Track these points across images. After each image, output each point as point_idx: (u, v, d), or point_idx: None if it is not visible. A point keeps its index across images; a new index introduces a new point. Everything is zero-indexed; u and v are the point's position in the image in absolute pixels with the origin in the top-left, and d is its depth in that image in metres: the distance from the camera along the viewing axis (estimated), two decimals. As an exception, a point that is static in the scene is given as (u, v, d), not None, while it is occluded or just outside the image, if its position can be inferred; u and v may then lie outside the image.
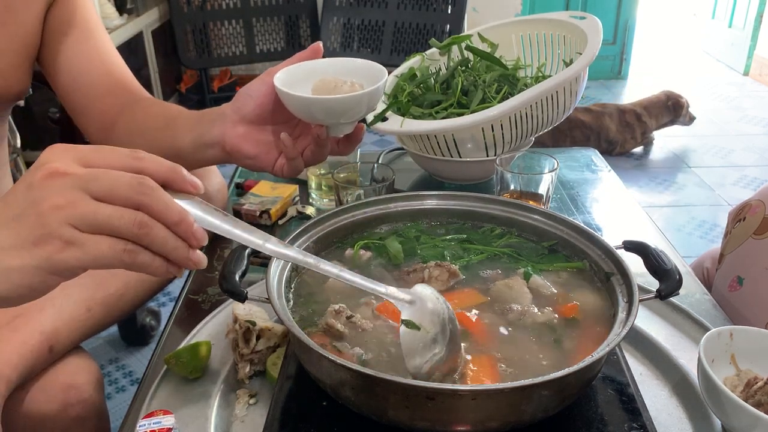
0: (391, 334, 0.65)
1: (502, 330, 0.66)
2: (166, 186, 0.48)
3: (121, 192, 0.45)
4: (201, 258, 0.50)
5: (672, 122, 3.27)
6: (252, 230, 0.53)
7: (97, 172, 0.46)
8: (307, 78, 0.78)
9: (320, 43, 0.80)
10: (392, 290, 0.62)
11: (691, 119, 3.30)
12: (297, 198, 1.14)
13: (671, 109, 3.23)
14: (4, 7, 0.84)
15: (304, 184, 1.17)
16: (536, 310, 0.69)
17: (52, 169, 0.45)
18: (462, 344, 0.62)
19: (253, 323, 0.74)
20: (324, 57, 0.81)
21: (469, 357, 0.62)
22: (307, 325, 0.66)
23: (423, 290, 0.63)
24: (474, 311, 0.69)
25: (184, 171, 0.49)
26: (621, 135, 3.15)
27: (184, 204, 0.49)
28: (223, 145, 0.80)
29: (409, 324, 0.60)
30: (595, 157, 1.36)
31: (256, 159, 0.80)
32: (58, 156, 0.46)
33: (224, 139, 0.79)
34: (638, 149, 3.29)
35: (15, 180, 1.10)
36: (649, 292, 0.67)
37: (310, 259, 0.58)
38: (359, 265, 0.76)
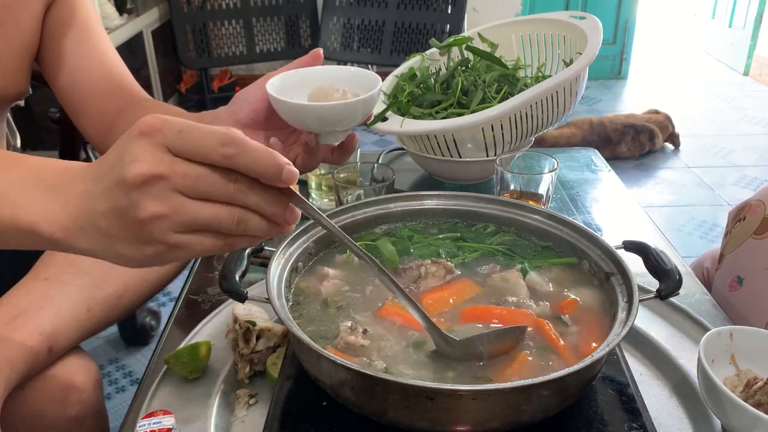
0: (405, 338, 0.65)
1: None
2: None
3: (219, 196, 0.46)
4: (293, 224, 0.50)
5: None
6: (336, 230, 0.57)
7: (195, 175, 0.44)
8: (303, 85, 0.77)
9: (320, 50, 0.80)
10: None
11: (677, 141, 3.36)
12: (297, 198, 1.14)
13: (667, 130, 3.31)
14: (2, 8, 0.84)
15: (304, 184, 1.17)
16: (532, 302, 0.69)
17: (147, 172, 0.44)
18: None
19: (253, 323, 0.74)
20: (324, 57, 0.81)
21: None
22: (325, 343, 0.65)
23: None
24: (470, 303, 0.70)
25: (282, 167, 0.47)
26: (630, 153, 3.21)
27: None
28: None
29: None
30: (595, 157, 1.36)
31: None
32: (147, 150, 0.44)
33: None
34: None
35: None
36: (649, 292, 0.67)
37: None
38: (352, 266, 0.76)
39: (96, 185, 0.46)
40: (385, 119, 1.11)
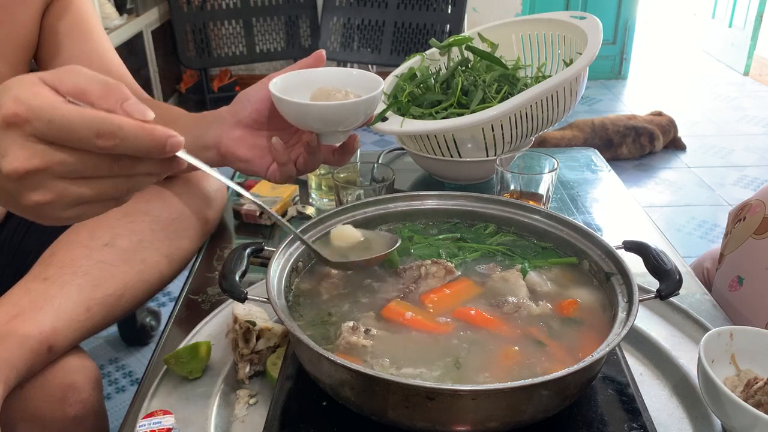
0: (407, 338, 0.65)
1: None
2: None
3: (102, 175, 0.46)
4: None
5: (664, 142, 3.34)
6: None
7: (73, 163, 0.44)
8: (305, 86, 0.78)
9: (323, 52, 0.81)
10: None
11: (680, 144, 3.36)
12: (297, 198, 1.14)
13: (669, 134, 3.30)
14: (0, 6, 0.84)
15: (304, 184, 1.17)
16: (532, 303, 0.69)
17: (21, 169, 0.43)
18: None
19: (253, 323, 0.74)
20: (325, 57, 0.81)
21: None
22: (326, 343, 0.64)
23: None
24: (470, 303, 0.69)
25: (165, 142, 0.46)
26: (630, 154, 3.21)
27: None
28: (218, 148, 0.80)
29: None
30: (595, 157, 1.36)
31: (250, 163, 0.80)
32: (17, 143, 0.43)
33: (220, 142, 0.80)
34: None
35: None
36: (649, 292, 0.67)
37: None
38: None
39: None
40: (385, 119, 1.11)
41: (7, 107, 0.42)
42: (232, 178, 1.26)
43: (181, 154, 0.50)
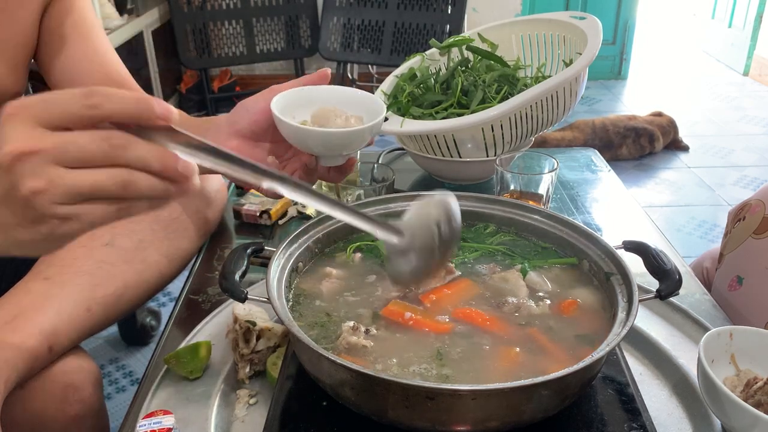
0: (409, 339, 0.65)
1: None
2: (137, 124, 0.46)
3: (95, 157, 0.44)
4: (194, 185, 0.48)
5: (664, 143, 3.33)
6: (243, 162, 0.51)
7: (64, 142, 0.44)
8: (306, 104, 0.76)
9: (328, 70, 0.79)
10: (380, 233, 0.62)
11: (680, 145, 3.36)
12: (297, 198, 1.14)
13: (669, 135, 3.30)
14: None
15: (304, 184, 1.17)
16: (532, 303, 0.69)
17: (17, 150, 0.43)
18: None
19: (253, 323, 0.74)
20: (324, 57, 0.81)
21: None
22: (326, 343, 0.65)
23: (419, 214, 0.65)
24: (470, 303, 0.69)
25: (153, 102, 0.45)
26: (630, 155, 3.21)
27: (164, 142, 0.46)
28: None
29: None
30: (595, 157, 1.36)
31: None
32: (17, 130, 0.44)
33: None
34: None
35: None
36: (649, 292, 0.67)
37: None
38: (352, 266, 0.76)
39: None
40: (385, 119, 1.11)
41: (10, 103, 0.45)
42: (228, 187, 1.26)
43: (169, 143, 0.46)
